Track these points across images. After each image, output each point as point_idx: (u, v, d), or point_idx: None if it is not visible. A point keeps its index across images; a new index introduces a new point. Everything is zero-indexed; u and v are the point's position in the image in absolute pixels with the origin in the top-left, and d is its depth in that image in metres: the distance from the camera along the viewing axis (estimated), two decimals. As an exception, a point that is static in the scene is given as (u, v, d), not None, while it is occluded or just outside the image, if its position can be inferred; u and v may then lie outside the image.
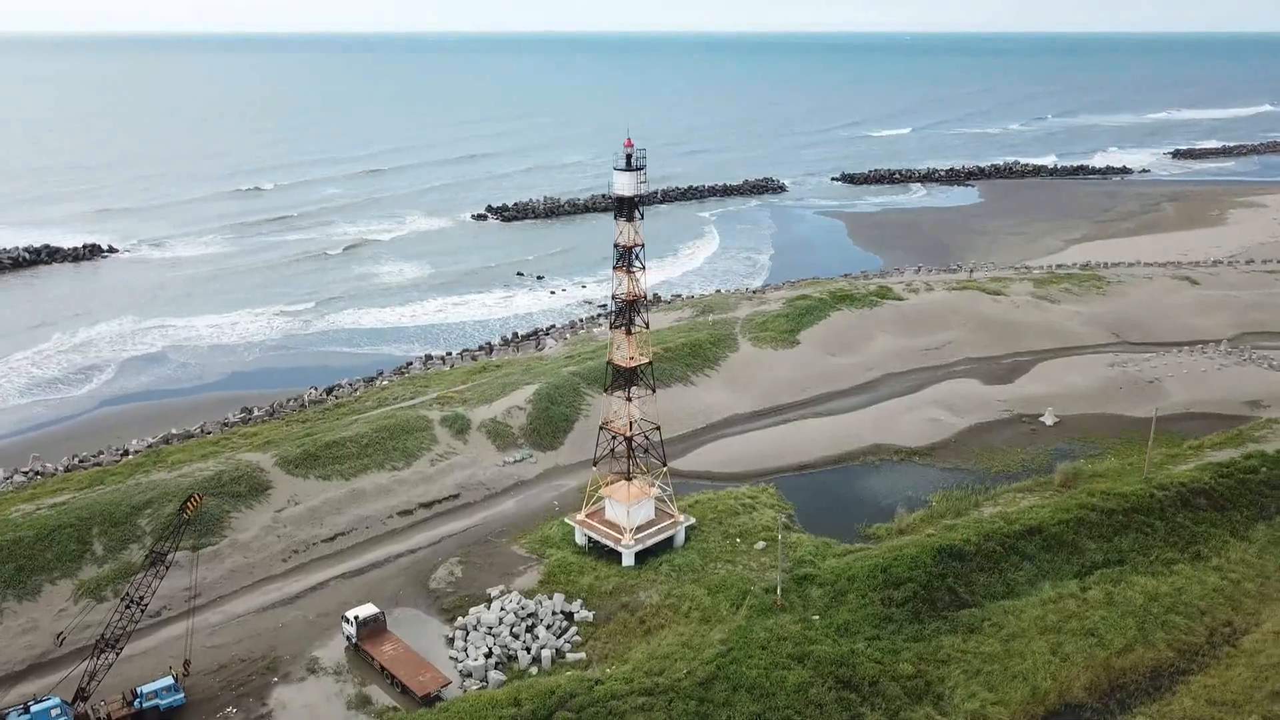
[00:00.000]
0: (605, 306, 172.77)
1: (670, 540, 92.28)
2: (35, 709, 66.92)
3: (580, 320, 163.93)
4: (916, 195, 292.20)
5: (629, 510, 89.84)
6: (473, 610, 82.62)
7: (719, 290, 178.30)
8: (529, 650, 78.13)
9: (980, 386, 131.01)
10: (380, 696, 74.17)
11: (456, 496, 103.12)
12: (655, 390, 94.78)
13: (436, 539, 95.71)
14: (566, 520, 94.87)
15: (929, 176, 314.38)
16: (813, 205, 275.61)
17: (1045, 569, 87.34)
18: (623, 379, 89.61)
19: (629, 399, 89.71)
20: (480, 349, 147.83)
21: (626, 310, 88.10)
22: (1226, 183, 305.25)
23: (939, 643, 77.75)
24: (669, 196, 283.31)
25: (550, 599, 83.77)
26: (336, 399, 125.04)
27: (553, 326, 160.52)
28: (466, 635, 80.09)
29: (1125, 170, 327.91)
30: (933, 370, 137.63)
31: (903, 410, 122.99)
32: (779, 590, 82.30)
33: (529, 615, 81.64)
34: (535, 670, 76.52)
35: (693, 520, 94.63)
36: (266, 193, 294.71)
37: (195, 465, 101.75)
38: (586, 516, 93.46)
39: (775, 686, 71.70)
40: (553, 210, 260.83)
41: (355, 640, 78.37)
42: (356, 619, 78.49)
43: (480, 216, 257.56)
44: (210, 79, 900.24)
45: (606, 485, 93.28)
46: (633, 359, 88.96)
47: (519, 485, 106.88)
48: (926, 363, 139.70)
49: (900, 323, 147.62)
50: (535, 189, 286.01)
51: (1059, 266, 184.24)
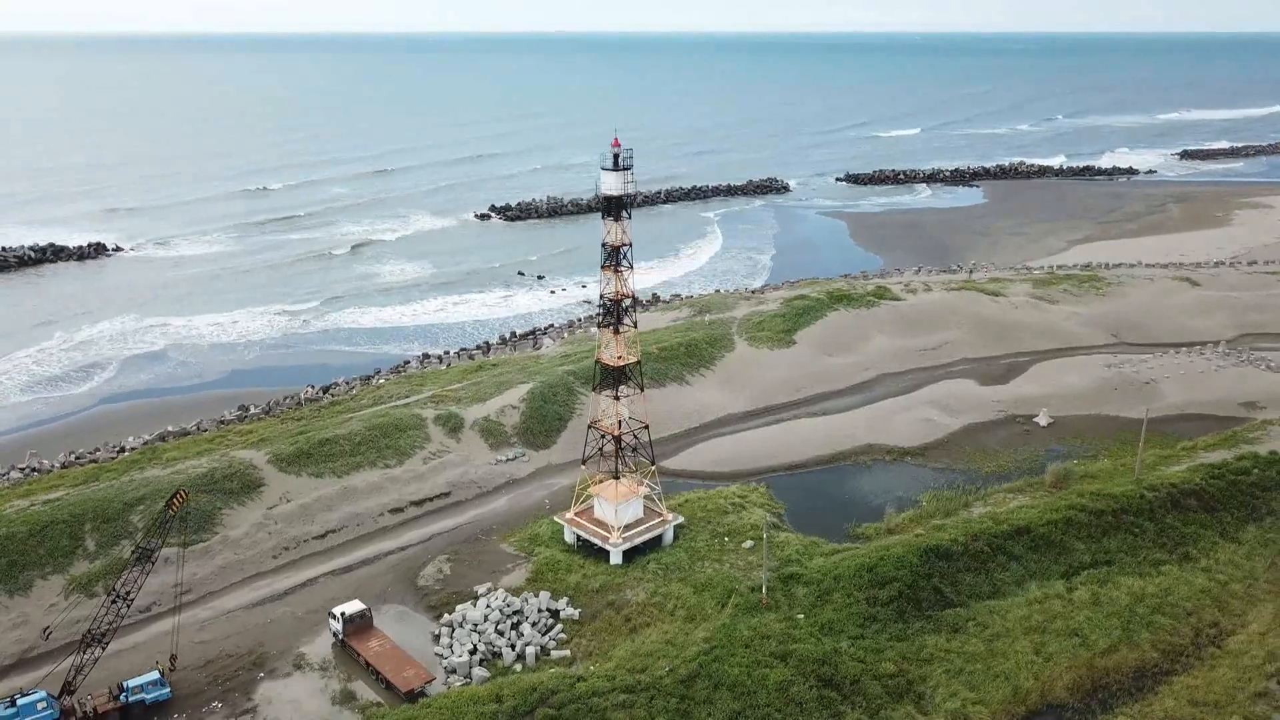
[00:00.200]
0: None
1: (659, 539, 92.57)
2: (22, 702, 67.68)
3: (579, 320, 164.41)
4: (921, 196, 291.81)
5: (617, 509, 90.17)
6: (459, 607, 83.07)
7: (718, 290, 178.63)
8: (514, 647, 78.55)
9: (976, 387, 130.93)
10: (365, 692, 74.65)
11: (448, 494, 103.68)
12: (644, 389, 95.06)
13: (427, 536, 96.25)
14: (556, 519, 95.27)
15: (933, 177, 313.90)
16: (816, 205, 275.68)
17: (1032, 569, 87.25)
18: (611, 378, 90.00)
19: (617, 398, 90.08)
20: (477, 348, 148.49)
21: (614, 309, 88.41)
22: (1234, 184, 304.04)
23: (922, 642, 77.82)
24: (672, 196, 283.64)
25: (536, 596, 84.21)
26: (333, 397, 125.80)
27: (550, 326, 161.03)
28: (452, 632, 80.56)
29: (1132, 171, 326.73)
30: (929, 371, 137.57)
31: (897, 410, 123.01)
32: (764, 589, 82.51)
33: (514, 613, 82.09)
34: (519, 667, 76.90)
35: (681, 519, 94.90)
36: (273, 192, 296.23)
37: (190, 462, 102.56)
38: (575, 515, 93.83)
39: (756, 685, 71.91)
40: (556, 210, 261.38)
41: (342, 636, 78.87)
42: (343, 615, 78.99)
43: (484, 216, 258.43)
44: (215, 79, 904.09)
45: (595, 484, 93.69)
46: (621, 358, 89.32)
47: (511, 483, 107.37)
48: (923, 363, 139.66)
49: (897, 323, 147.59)
50: (541, 189, 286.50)
51: (1059, 267, 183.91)
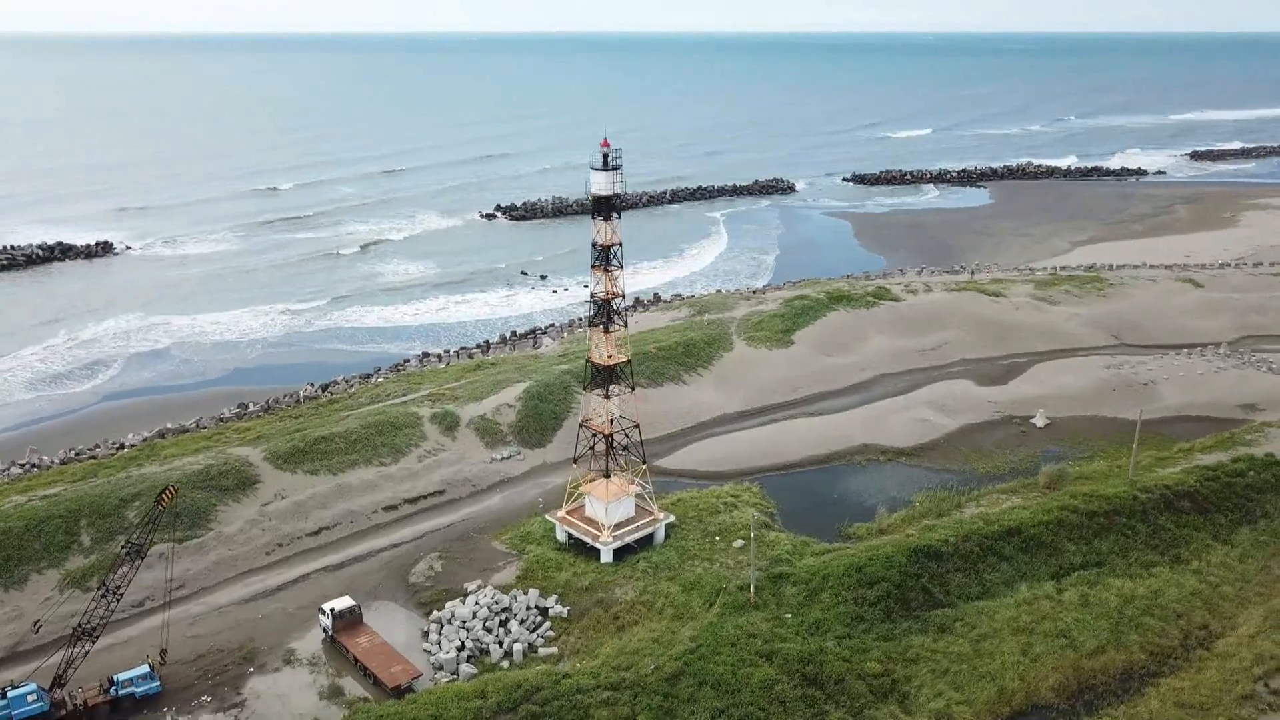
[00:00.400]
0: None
1: (650, 538, 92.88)
2: (12, 694, 68.59)
3: (579, 320, 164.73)
4: (927, 196, 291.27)
5: (607, 507, 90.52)
6: (449, 604, 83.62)
7: (719, 290, 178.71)
8: (501, 644, 79.04)
9: (973, 388, 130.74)
10: (353, 687, 75.28)
11: (442, 493, 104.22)
12: (635, 388, 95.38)
13: (419, 534, 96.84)
14: (547, 517, 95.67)
15: (940, 177, 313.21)
16: (822, 206, 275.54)
17: (1022, 570, 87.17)
18: (602, 377, 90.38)
19: (607, 397, 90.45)
20: (477, 347, 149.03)
21: (605, 309, 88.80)
22: (1244, 185, 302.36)
23: (909, 642, 77.85)
24: (677, 196, 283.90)
25: (525, 594, 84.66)
26: (331, 395, 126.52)
27: (551, 325, 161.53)
28: (441, 629, 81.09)
29: (1140, 172, 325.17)
30: (927, 371, 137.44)
31: (893, 411, 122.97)
32: (752, 588, 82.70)
33: (503, 610, 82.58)
34: (507, 664, 77.35)
35: (673, 518, 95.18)
36: (281, 192, 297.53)
37: (187, 459, 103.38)
38: (567, 513, 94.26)
39: (741, 683, 72.10)
40: (561, 210, 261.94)
41: (331, 632, 79.52)
42: (332, 611, 79.64)
43: (489, 216, 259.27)
44: (222, 79, 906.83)
45: (587, 482, 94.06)
46: (611, 357, 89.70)
47: (505, 482, 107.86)
48: (921, 363, 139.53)
49: (897, 323, 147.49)
50: (547, 189, 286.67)
51: (1062, 268, 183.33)
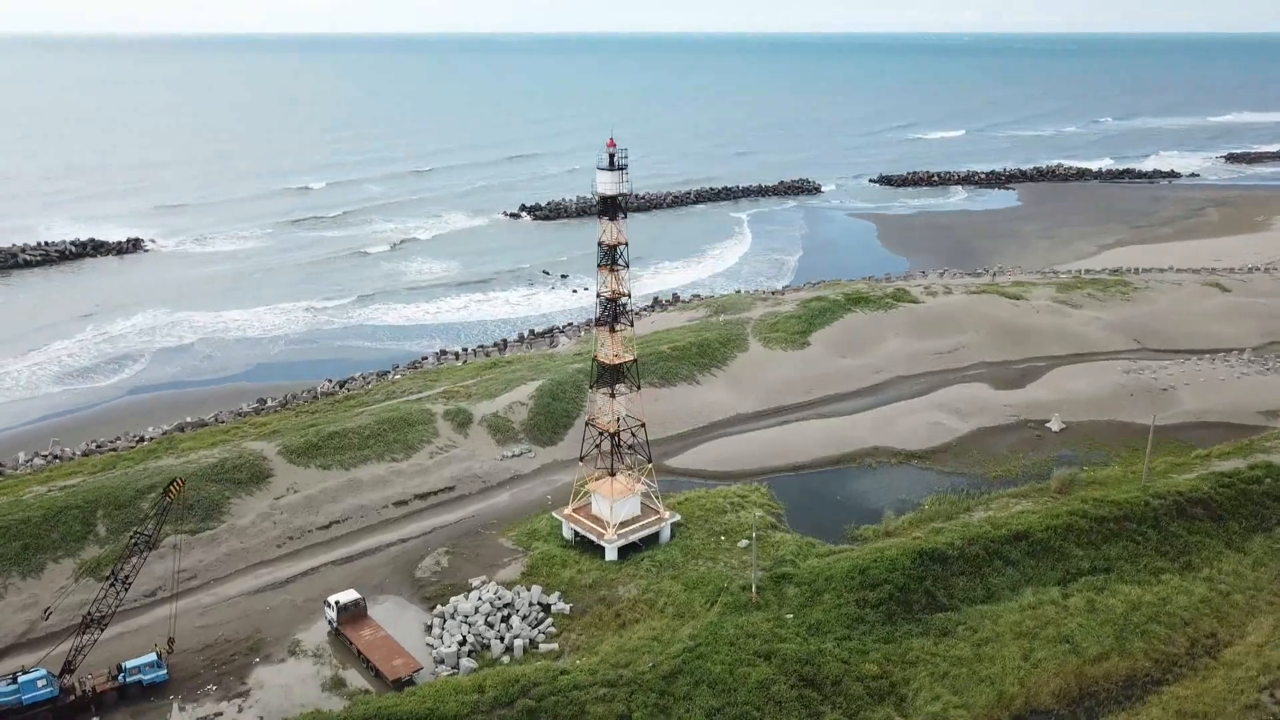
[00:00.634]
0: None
1: (655, 536, 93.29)
2: (23, 679, 70.37)
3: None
4: (955, 198, 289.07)
5: (612, 505, 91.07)
6: (453, 599, 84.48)
7: (738, 291, 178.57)
8: (502, 640, 79.74)
9: (989, 391, 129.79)
10: (355, 679, 76.31)
11: (452, 489, 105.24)
12: (640, 388, 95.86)
13: (428, 529, 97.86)
14: (554, 514, 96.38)
15: (968, 179, 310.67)
16: (847, 207, 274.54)
17: (1029, 575, 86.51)
18: (608, 376, 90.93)
19: (613, 396, 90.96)
20: (495, 346, 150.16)
21: (611, 308, 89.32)
22: (1279, 187, 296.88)
23: (909, 645, 77.57)
24: (702, 196, 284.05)
25: (528, 590, 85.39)
26: (348, 392, 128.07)
27: (569, 325, 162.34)
28: (444, 623, 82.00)
29: (1173, 174, 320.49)
30: (943, 374, 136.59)
31: (906, 413, 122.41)
32: (754, 588, 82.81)
33: (505, 605, 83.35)
34: (507, 659, 78.07)
35: (678, 517, 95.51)
36: (313, 191, 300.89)
37: (203, 452, 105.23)
38: (573, 511, 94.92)
39: (737, 682, 72.27)
40: (585, 209, 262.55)
41: (336, 624, 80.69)
42: (337, 604, 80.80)
43: (514, 215, 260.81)
44: (261, 79, 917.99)
45: (593, 481, 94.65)
46: (617, 356, 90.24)
47: (515, 479, 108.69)
48: (937, 366, 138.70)
49: (914, 325, 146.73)
50: (575, 189, 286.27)
51: (1087, 271, 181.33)
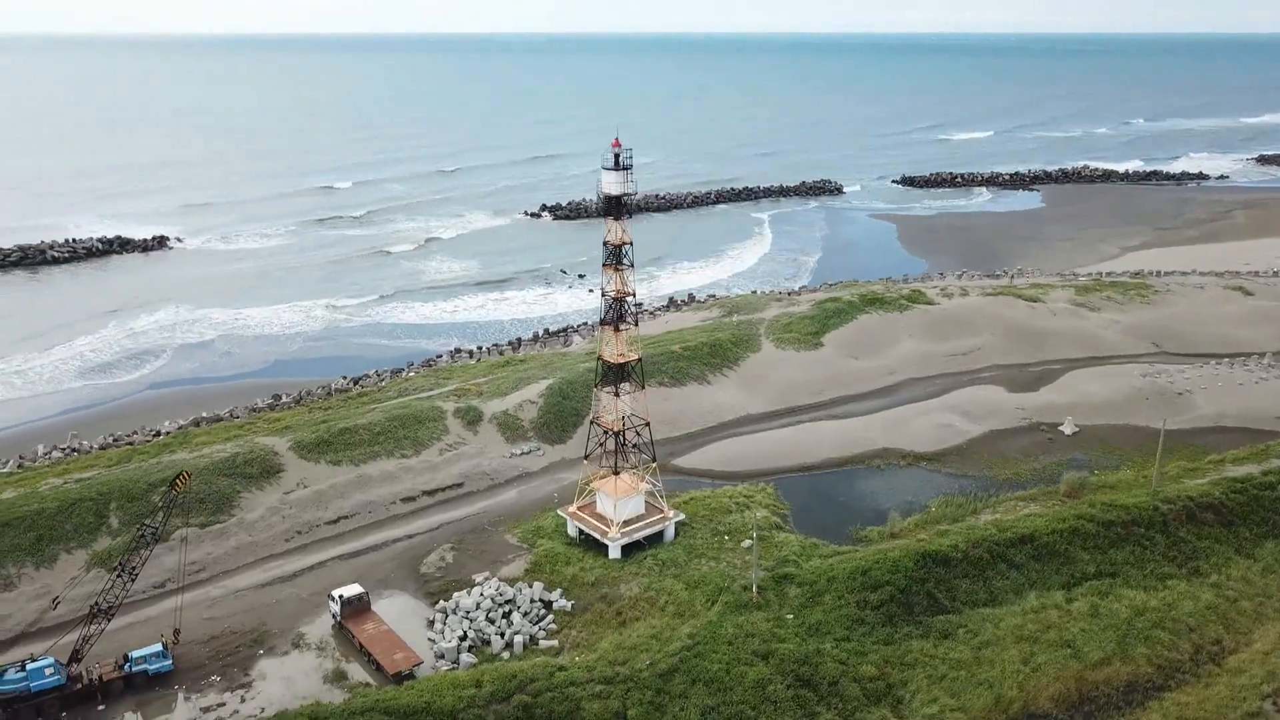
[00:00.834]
0: (639, 305, 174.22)
1: (660, 535, 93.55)
2: (31, 667, 71.82)
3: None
4: (977, 200, 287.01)
5: (616, 504, 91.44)
6: (455, 595, 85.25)
7: (754, 291, 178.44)
8: (503, 635, 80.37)
9: (1002, 393, 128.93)
10: (357, 673, 77.19)
11: (460, 485, 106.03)
12: (645, 387, 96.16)
13: (434, 525, 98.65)
14: (559, 512, 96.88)
15: (992, 180, 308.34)
16: (868, 208, 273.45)
17: (1033, 578, 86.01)
18: (612, 375, 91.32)
19: (617, 394, 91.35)
20: (509, 344, 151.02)
21: (615, 307, 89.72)
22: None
23: (908, 647, 77.37)
24: (723, 197, 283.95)
25: (530, 587, 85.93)
26: (362, 388, 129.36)
27: (584, 324, 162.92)
28: (445, 619, 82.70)
29: (1201, 176, 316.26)
30: (956, 376, 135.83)
31: (917, 415, 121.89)
32: (754, 588, 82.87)
33: (506, 602, 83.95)
34: (507, 655, 78.66)
35: (682, 516, 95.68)
36: (338, 190, 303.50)
37: (216, 447, 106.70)
38: (578, 509, 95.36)
39: (734, 682, 72.44)
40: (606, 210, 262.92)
41: (339, 618, 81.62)
42: (341, 598, 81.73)
43: (534, 215, 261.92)
44: (291, 79, 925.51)
45: (598, 479, 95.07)
46: (621, 355, 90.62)
47: (523, 477, 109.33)
48: (951, 368, 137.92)
49: (928, 327, 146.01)
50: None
51: (1108, 274, 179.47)
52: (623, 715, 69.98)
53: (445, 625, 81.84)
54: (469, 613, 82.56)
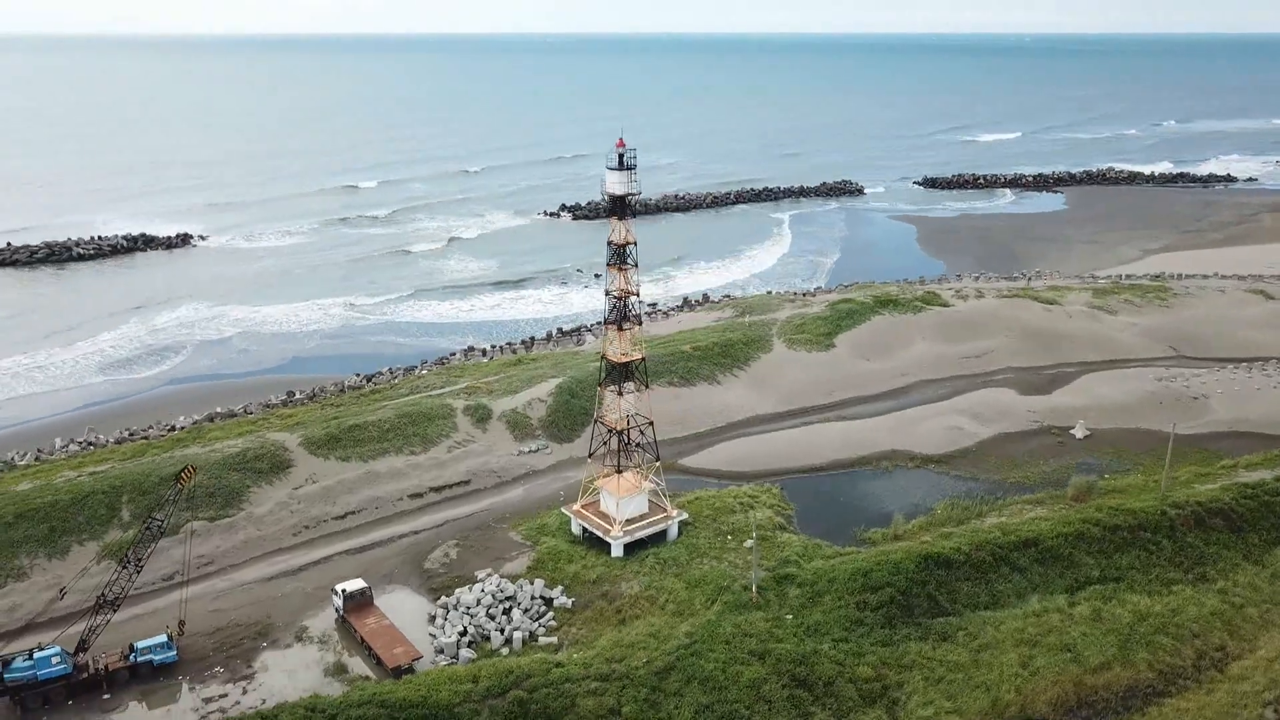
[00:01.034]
0: (654, 305, 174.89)
1: (663, 534, 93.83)
2: (38, 655, 73.23)
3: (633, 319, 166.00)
4: (999, 201, 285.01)
5: (619, 502, 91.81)
6: (457, 591, 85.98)
7: (769, 292, 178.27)
8: (502, 632, 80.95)
9: (1014, 396, 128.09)
10: (358, 666, 78.00)
11: (467, 483, 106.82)
12: (648, 385, 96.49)
13: (440, 522, 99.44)
14: (563, 510, 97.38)
15: (1015, 182, 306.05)
16: (889, 209, 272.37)
17: (1036, 582, 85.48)
18: (616, 374, 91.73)
19: (620, 393, 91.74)
20: (522, 343, 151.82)
21: (619, 306, 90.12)
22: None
23: (906, 648, 77.13)
24: (743, 197, 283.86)
25: (531, 584, 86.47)
26: (374, 385, 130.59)
27: (597, 323, 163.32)
28: (446, 614, 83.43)
29: (1229, 178, 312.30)
30: (969, 378, 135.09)
31: (927, 417, 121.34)
32: (754, 588, 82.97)
33: (507, 598, 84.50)
34: (506, 651, 79.20)
35: (685, 515, 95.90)
36: (362, 190, 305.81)
37: (228, 442, 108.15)
38: (582, 507, 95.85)
39: (729, 681, 72.56)
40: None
41: (342, 612, 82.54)
42: (344, 592, 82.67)
43: (553, 215, 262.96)
44: (317, 80, 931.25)
45: (602, 478, 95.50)
46: (625, 354, 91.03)
47: (530, 474, 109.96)
48: (964, 370, 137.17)
49: (942, 329, 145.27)
50: None
51: (1127, 277, 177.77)
52: (617, 712, 70.30)
53: (446, 621, 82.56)
54: (470, 609, 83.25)
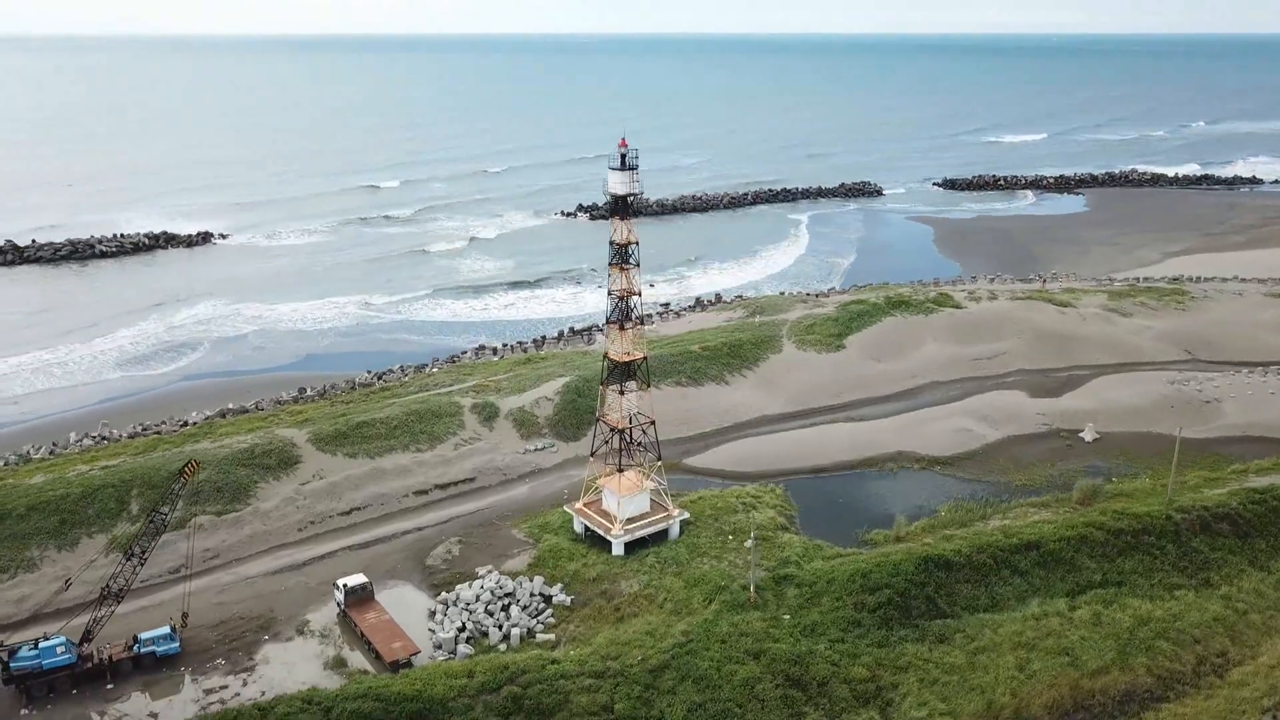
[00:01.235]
0: (666, 305, 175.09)
1: (664, 533, 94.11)
2: (44, 645, 74.57)
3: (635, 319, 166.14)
4: (1019, 203, 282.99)
5: (620, 501, 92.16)
6: (457, 587, 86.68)
7: (782, 292, 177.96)
8: (500, 628, 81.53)
9: (1024, 399, 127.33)
10: (357, 660, 78.91)
11: (472, 480, 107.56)
12: (650, 385, 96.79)
13: (444, 519, 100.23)
14: (566, 508, 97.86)
15: (1036, 183, 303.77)
16: (906, 210, 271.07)
17: (1036, 585, 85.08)
18: (618, 373, 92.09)
19: (622, 392, 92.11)
20: (533, 342, 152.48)
21: (622, 306, 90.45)
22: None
23: (902, 650, 76.98)
24: (760, 198, 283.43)
25: (530, 581, 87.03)
26: (384, 383, 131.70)
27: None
28: (446, 610, 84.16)
29: (1255, 180, 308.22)
30: (980, 380, 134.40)
31: (935, 419, 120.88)
32: (752, 587, 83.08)
33: (506, 595, 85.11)
34: (504, 647, 79.82)
35: (687, 515, 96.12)
36: (382, 190, 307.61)
37: (238, 437, 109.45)
38: (584, 505, 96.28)
39: (723, 679, 72.73)
40: (640, 210, 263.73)
41: (343, 606, 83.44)
42: (345, 586, 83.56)
43: (570, 215, 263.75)
44: (343, 80, 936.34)
45: (604, 476, 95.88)
46: (627, 354, 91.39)
47: (535, 473, 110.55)
48: (975, 372, 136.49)
49: (953, 331, 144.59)
50: (648, 191, 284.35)
51: (1145, 279, 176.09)
52: (610, 709, 70.67)
53: (445, 616, 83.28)
54: (469, 605, 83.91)
